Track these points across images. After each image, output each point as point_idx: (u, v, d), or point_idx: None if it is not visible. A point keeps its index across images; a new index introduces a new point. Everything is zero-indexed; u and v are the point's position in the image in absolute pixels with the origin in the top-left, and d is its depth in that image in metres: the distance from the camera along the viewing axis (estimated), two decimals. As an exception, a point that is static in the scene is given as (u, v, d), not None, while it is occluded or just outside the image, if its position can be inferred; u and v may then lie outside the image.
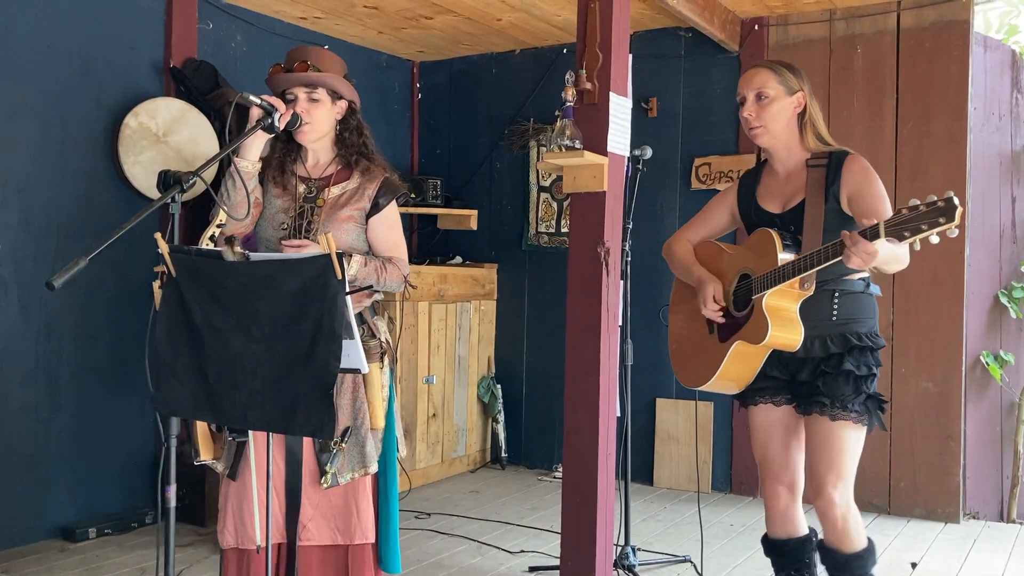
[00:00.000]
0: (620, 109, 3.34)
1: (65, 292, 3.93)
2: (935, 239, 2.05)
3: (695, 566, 3.76)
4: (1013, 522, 4.46)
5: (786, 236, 2.46)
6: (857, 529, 2.50)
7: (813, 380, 2.51)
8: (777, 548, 2.73)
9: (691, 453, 5.05)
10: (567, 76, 3.28)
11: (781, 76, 2.58)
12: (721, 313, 2.58)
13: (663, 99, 5.19)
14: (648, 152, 3.72)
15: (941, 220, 2.02)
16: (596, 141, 3.28)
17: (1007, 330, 4.55)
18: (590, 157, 3.23)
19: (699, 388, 2.68)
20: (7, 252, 3.81)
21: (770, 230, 2.48)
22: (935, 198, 2.03)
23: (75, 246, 3.97)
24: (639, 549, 3.78)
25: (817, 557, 2.69)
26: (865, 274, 2.52)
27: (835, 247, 2.24)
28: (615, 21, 3.29)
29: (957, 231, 2.05)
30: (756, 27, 4.92)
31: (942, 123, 4.48)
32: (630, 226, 3.66)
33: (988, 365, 4.47)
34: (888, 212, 2.33)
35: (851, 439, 2.47)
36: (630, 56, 3.45)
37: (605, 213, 3.30)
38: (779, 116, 2.56)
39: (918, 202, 2.05)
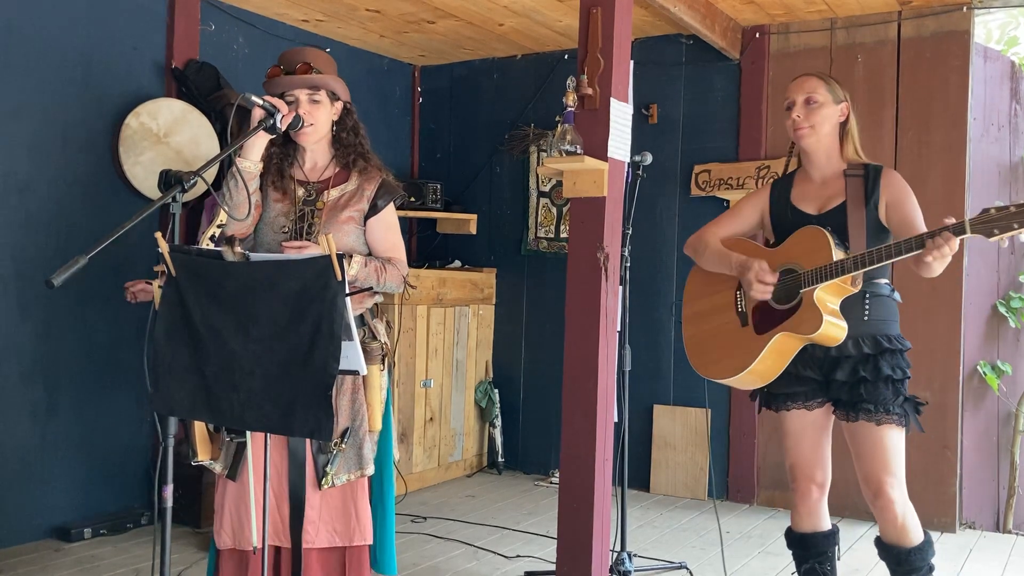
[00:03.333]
0: (621, 115, 3.35)
1: (64, 291, 3.93)
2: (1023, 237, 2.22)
3: (691, 573, 3.76)
4: (1009, 532, 4.46)
5: (834, 235, 2.56)
6: (915, 525, 2.61)
7: (854, 385, 2.60)
8: (802, 541, 2.83)
9: (688, 460, 5.05)
10: (568, 81, 3.29)
11: (829, 85, 2.74)
12: (770, 294, 2.64)
13: (664, 106, 5.20)
14: (648, 158, 3.72)
15: None
16: (597, 146, 3.28)
17: (1005, 340, 4.56)
18: (590, 162, 3.24)
19: (725, 380, 2.73)
20: (7, 251, 3.81)
21: (820, 228, 2.58)
22: None
23: (75, 246, 3.97)
24: (635, 555, 3.78)
25: (837, 550, 2.84)
26: (889, 280, 2.67)
27: (916, 240, 2.37)
28: (617, 27, 3.29)
29: None
30: (757, 35, 4.93)
31: (942, 133, 4.49)
32: (629, 232, 3.66)
33: (985, 375, 4.47)
34: (922, 223, 2.54)
35: (897, 440, 2.58)
36: (631, 62, 3.45)
37: (605, 218, 3.30)
38: (826, 121, 2.70)
39: (1004, 203, 2.24)
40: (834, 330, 2.54)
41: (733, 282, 2.78)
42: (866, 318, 2.60)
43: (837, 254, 2.51)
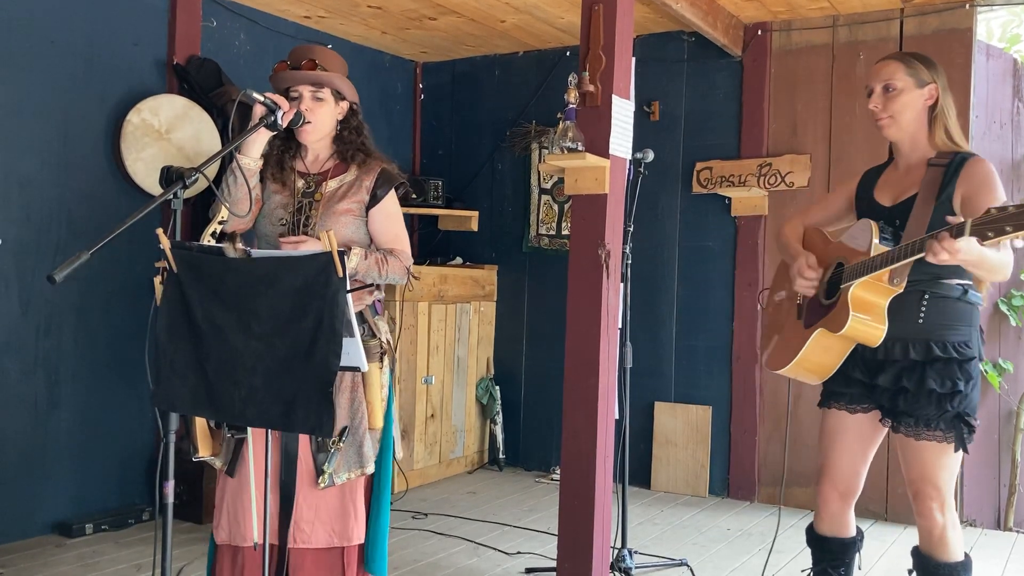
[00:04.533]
0: (622, 112, 3.35)
1: (66, 287, 3.93)
2: (1020, 243, 2.01)
3: (691, 569, 3.76)
4: (1010, 530, 4.46)
5: (886, 229, 2.41)
6: (955, 540, 2.46)
7: (895, 394, 2.46)
8: (818, 543, 2.74)
9: (689, 457, 5.05)
10: (570, 78, 3.29)
11: (912, 68, 2.52)
12: (815, 284, 2.55)
13: (665, 103, 5.20)
14: (650, 155, 3.72)
15: None
16: (598, 143, 3.28)
17: (1006, 338, 4.56)
18: (592, 159, 3.24)
19: (779, 372, 2.62)
20: (8, 247, 3.82)
21: (871, 221, 2.43)
22: None
23: (76, 242, 3.98)
24: (636, 552, 3.78)
25: (858, 558, 2.73)
26: (967, 280, 2.44)
27: (920, 242, 2.19)
28: (619, 24, 3.29)
29: None
30: (759, 32, 4.92)
31: (944, 130, 4.47)
32: (631, 229, 3.66)
33: (987, 373, 4.47)
34: None
35: (939, 456, 2.42)
36: (633, 59, 3.45)
37: (606, 215, 3.30)
38: (907, 108, 2.50)
39: (1010, 204, 2.01)
40: (865, 329, 2.39)
41: None
42: (921, 320, 2.41)
43: (877, 249, 2.34)
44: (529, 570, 3.71)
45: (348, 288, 1.97)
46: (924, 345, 2.42)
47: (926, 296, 2.42)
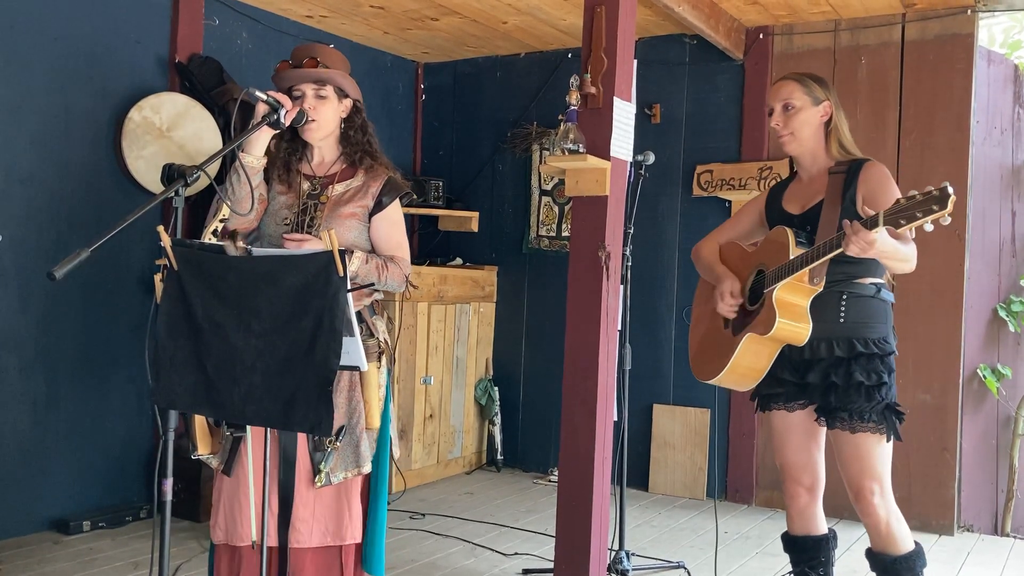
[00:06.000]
0: (624, 114, 3.35)
1: (65, 284, 3.93)
2: (929, 227, 2.16)
3: (688, 572, 3.76)
4: (1007, 535, 4.46)
5: (800, 233, 2.55)
6: (901, 532, 2.57)
7: (825, 391, 2.57)
8: (794, 544, 2.82)
9: (687, 459, 5.05)
10: (572, 80, 3.29)
11: (807, 87, 2.70)
12: (736, 308, 2.68)
13: (666, 106, 5.20)
14: (651, 158, 3.73)
15: (935, 208, 2.13)
16: (599, 145, 3.29)
17: (1005, 344, 4.56)
18: (593, 161, 3.24)
19: (711, 382, 2.74)
20: (8, 243, 3.82)
21: (785, 227, 2.58)
22: (931, 188, 2.14)
23: (76, 239, 3.98)
24: (633, 554, 3.78)
25: (834, 556, 2.81)
26: (878, 279, 2.60)
27: (837, 237, 2.34)
28: (621, 26, 3.30)
29: (950, 219, 2.16)
30: (761, 36, 4.93)
31: (945, 136, 4.49)
32: (631, 231, 3.67)
33: (985, 378, 4.47)
34: None
35: (874, 447, 2.54)
36: (635, 62, 3.46)
37: (607, 217, 3.30)
38: (805, 125, 2.68)
39: (916, 192, 2.17)
40: (792, 329, 2.51)
41: None
42: (842, 320, 2.56)
43: (795, 252, 2.50)
44: (527, 571, 3.71)
45: (349, 288, 1.97)
46: (847, 343, 2.56)
47: (844, 296, 2.57)
